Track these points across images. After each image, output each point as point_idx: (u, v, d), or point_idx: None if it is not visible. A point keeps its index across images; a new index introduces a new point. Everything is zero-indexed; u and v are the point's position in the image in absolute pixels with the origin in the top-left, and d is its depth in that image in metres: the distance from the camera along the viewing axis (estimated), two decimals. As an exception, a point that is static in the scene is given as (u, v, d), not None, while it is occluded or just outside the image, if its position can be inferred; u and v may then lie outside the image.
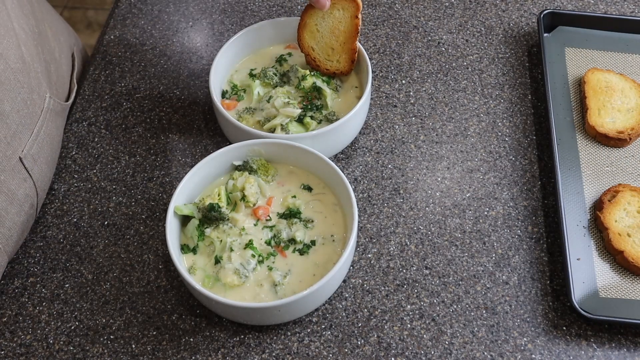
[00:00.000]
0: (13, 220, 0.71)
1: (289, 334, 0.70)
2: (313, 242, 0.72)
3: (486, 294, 0.73)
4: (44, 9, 0.87)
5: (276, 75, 0.85)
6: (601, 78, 0.88)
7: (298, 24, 0.85)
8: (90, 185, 0.82)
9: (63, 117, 0.83)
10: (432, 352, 0.69)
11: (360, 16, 0.82)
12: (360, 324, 0.71)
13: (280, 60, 0.88)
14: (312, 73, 0.84)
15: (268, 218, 0.74)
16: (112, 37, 0.98)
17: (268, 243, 0.72)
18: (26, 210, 0.73)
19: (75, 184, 0.82)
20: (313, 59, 0.85)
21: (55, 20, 0.91)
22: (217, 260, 0.70)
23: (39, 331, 0.71)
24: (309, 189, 0.77)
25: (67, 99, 0.85)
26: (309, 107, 0.82)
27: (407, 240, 0.77)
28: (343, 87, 0.86)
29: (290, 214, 0.74)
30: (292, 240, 0.72)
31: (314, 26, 0.83)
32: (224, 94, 0.86)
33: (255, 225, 0.73)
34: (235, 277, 0.69)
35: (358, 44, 0.84)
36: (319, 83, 0.83)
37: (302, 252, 0.72)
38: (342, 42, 0.83)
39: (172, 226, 0.70)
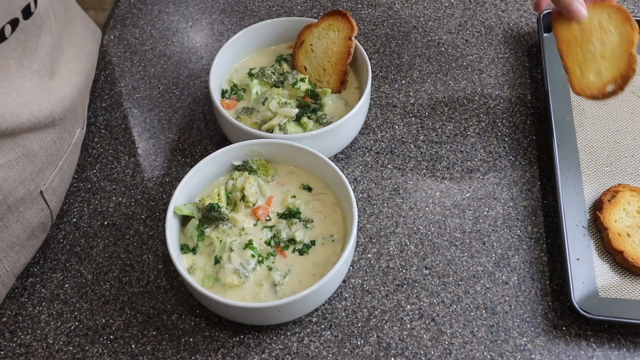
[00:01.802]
0: (23, 245, 0.71)
1: (288, 334, 0.70)
2: (313, 242, 0.72)
3: (486, 294, 0.73)
4: (89, 26, 0.89)
5: (274, 74, 0.85)
6: (574, 26, 0.78)
7: (295, 43, 0.86)
8: (90, 185, 0.82)
9: (81, 142, 0.83)
10: (432, 352, 0.69)
11: (354, 39, 0.83)
12: (360, 324, 0.71)
13: (280, 60, 0.88)
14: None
15: (268, 218, 0.74)
16: (112, 37, 0.98)
17: (268, 243, 0.72)
18: (38, 235, 0.74)
19: (75, 184, 0.82)
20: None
21: (94, 29, 0.91)
22: (217, 260, 0.70)
23: (38, 331, 0.71)
24: (309, 189, 0.77)
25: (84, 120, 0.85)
26: (305, 109, 0.82)
27: (406, 240, 0.77)
28: (342, 92, 0.86)
29: (290, 214, 0.74)
30: (291, 240, 0.72)
31: (309, 46, 0.84)
32: (223, 94, 0.86)
33: (255, 225, 0.73)
34: (235, 277, 0.69)
35: (358, 44, 0.84)
36: (317, 90, 0.83)
37: (301, 252, 0.72)
38: (334, 63, 0.84)
39: (171, 226, 0.70)
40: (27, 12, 0.64)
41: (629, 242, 0.73)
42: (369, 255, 0.76)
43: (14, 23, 0.63)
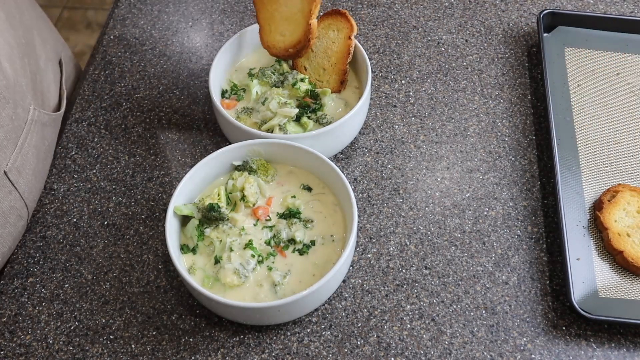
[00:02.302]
0: None
1: (288, 334, 0.70)
2: (313, 242, 0.72)
3: (486, 294, 0.73)
4: (34, 15, 0.87)
5: (274, 74, 0.85)
6: None
7: None
8: (90, 185, 0.82)
9: (53, 127, 0.82)
10: (432, 352, 0.69)
11: (353, 38, 0.83)
12: (359, 324, 0.71)
13: (280, 60, 0.88)
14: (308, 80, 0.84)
15: (268, 218, 0.74)
16: (111, 37, 0.98)
17: (268, 243, 0.72)
18: (12, 222, 0.72)
19: (75, 184, 0.82)
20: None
21: (44, 26, 0.90)
22: (217, 260, 0.70)
23: (38, 331, 0.71)
24: (309, 189, 0.77)
25: (58, 108, 0.84)
26: (305, 109, 0.82)
27: (406, 240, 0.77)
28: (341, 92, 0.86)
29: (290, 214, 0.74)
30: (291, 240, 0.72)
31: (310, 46, 0.84)
32: (223, 94, 0.86)
33: (255, 225, 0.73)
34: (235, 277, 0.69)
35: (358, 44, 0.84)
36: (317, 90, 0.83)
37: (301, 252, 0.72)
38: (334, 63, 0.84)
39: (171, 226, 0.70)
40: None
41: (629, 242, 0.73)
42: (369, 255, 0.76)
43: None
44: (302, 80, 0.83)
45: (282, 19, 0.82)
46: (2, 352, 0.69)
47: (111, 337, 0.70)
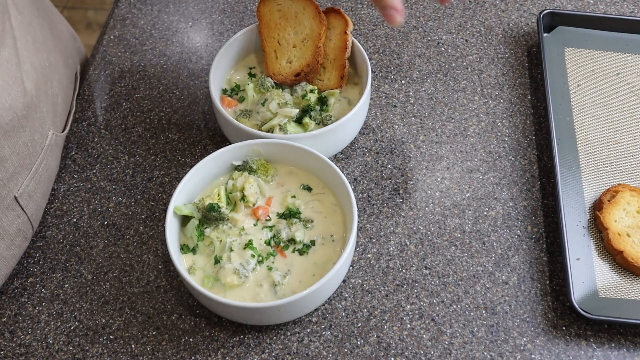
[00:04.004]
0: (2, 255, 0.70)
1: (288, 334, 0.70)
2: (313, 242, 0.72)
3: (486, 294, 0.73)
4: (59, 28, 0.86)
5: (273, 88, 0.84)
6: (275, 13, 0.83)
7: None
8: (90, 186, 0.82)
9: (61, 145, 0.81)
10: (432, 352, 0.69)
11: (349, 32, 0.83)
12: (359, 324, 0.71)
13: None
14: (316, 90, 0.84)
15: (268, 218, 0.74)
16: (111, 37, 0.98)
17: (268, 243, 0.72)
18: (17, 243, 0.72)
19: (75, 184, 0.82)
20: None
21: (67, 38, 0.89)
22: (217, 260, 0.70)
23: (38, 331, 0.71)
24: (309, 189, 0.77)
25: (65, 126, 0.82)
26: (309, 111, 0.81)
27: (406, 240, 0.77)
28: (343, 87, 0.86)
29: (290, 214, 0.74)
30: (291, 240, 0.72)
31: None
32: (224, 93, 0.85)
33: (254, 225, 0.73)
34: (235, 277, 0.69)
35: (357, 43, 0.84)
36: (325, 94, 0.83)
37: (301, 252, 0.72)
38: (332, 59, 0.84)
39: (171, 226, 0.70)
40: None
41: (628, 242, 0.73)
42: (369, 255, 0.76)
43: None
44: (311, 91, 0.82)
45: (290, 45, 0.83)
46: (2, 352, 0.69)
47: (111, 337, 0.70)
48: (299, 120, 0.81)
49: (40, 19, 0.78)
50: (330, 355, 0.69)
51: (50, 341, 0.70)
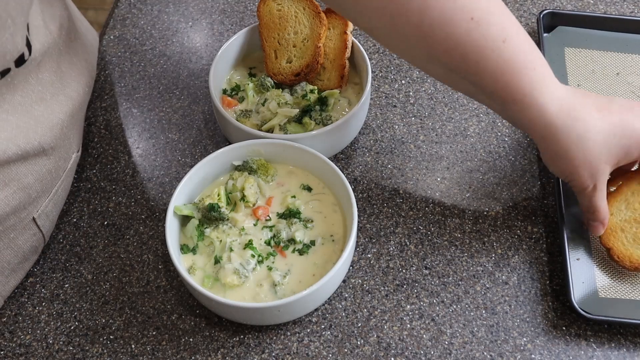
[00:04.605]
0: (14, 269, 0.70)
1: (288, 334, 0.70)
2: (312, 242, 0.72)
3: (486, 294, 0.73)
4: (92, 41, 0.86)
5: (273, 88, 0.84)
6: (275, 12, 0.84)
7: None
8: (90, 185, 0.82)
9: (76, 165, 0.80)
10: (432, 352, 0.69)
11: (349, 32, 0.83)
12: (359, 324, 0.71)
13: None
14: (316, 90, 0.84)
15: (268, 218, 0.74)
16: (111, 37, 0.98)
17: (267, 243, 0.72)
18: (29, 257, 0.73)
19: (75, 184, 0.82)
20: None
21: (94, 44, 0.89)
22: (217, 260, 0.70)
23: (38, 331, 0.71)
24: (309, 189, 0.77)
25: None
26: (309, 111, 0.82)
27: (406, 240, 0.77)
28: (343, 87, 0.86)
29: (290, 214, 0.74)
30: (291, 241, 0.72)
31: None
32: (224, 92, 0.86)
33: (254, 225, 0.73)
34: (235, 277, 0.69)
35: (357, 43, 0.84)
36: (325, 94, 0.83)
37: (301, 252, 0.72)
38: (332, 60, 0.84)
39: (171, 226, 0.70)
40: (20, 61, 0.61)
41: (619, 239, 0.72)
42: (369, 255, 0.76)
43: (5, 73, 0.60)
44: (311, 91, 0.83)
45: (290, 45, 0.83)
46: (2, 352, 0.69)
47: (111, 337, 0.70)
48: (299, 120, 0.81)
49: (77, 41, 0.77)
50: (330, 355, 0.69)
51: (50, 341, 0.70)
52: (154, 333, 0.70)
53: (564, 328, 0.71)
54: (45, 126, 0.67)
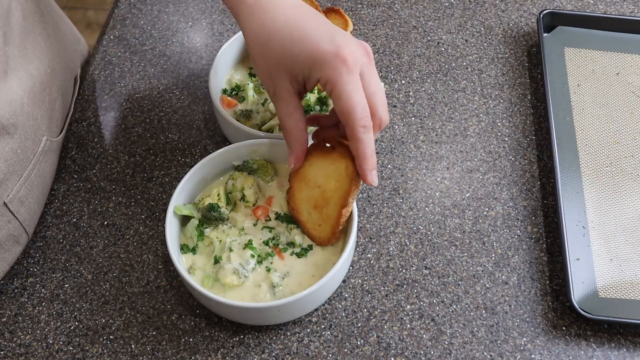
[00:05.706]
0: None
1: (288, 334, 0.70)
2: (310, 247, 0.72)
3: (486, 294, 0.73)
4: (63, 31, 0.85)
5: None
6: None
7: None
8: (89, 185, 0.82)
9: (57, 149, 0.80)
10: (432, 352, 0.69)
11: (349, 32, 0.82)
12: (359, 324, 0.71)
13: None
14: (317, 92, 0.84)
15: (267, 218, 0.74)
16: (111, 37, 0.98)
17: (266, 243, 0.72)
18: (8, 247, 0.71)
19: (75, 184, 0.82)
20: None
21: (71, 41, 0.88)
22: (217, 260, 0.70)
23: (38, 331, 0.71)
24: (309, 189, 0.77)
25: (61, 129, 0.81)
26: (308, 110, 0.82)
27: (406, 240, 0.77)
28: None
29: (289, 218, 0.73)
30: (290, 244, 0.72)
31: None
32: (224, 92, 0.85)
33: (254, 225, 0.73)
34: (235, 277, 0.69)
35: None
36: (324, 94, 0.83)
37: (299, 255, 0.71)
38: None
39: (171, 226, 0.70)
40: None
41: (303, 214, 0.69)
42: (369, 255, 0.76)
43: None
44: (311, 91, 0.82)
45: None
46: (2, 352, 0.69)
47: (111, 337, 0.70)
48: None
49: (45, 24, 0.78)
50: (330, 355, 0.69)
51: (50, 341, 0.70)
52: (154, 333, 0.70)
53: (564, 328, 0.71)
54: (3, 100, 0.67)
